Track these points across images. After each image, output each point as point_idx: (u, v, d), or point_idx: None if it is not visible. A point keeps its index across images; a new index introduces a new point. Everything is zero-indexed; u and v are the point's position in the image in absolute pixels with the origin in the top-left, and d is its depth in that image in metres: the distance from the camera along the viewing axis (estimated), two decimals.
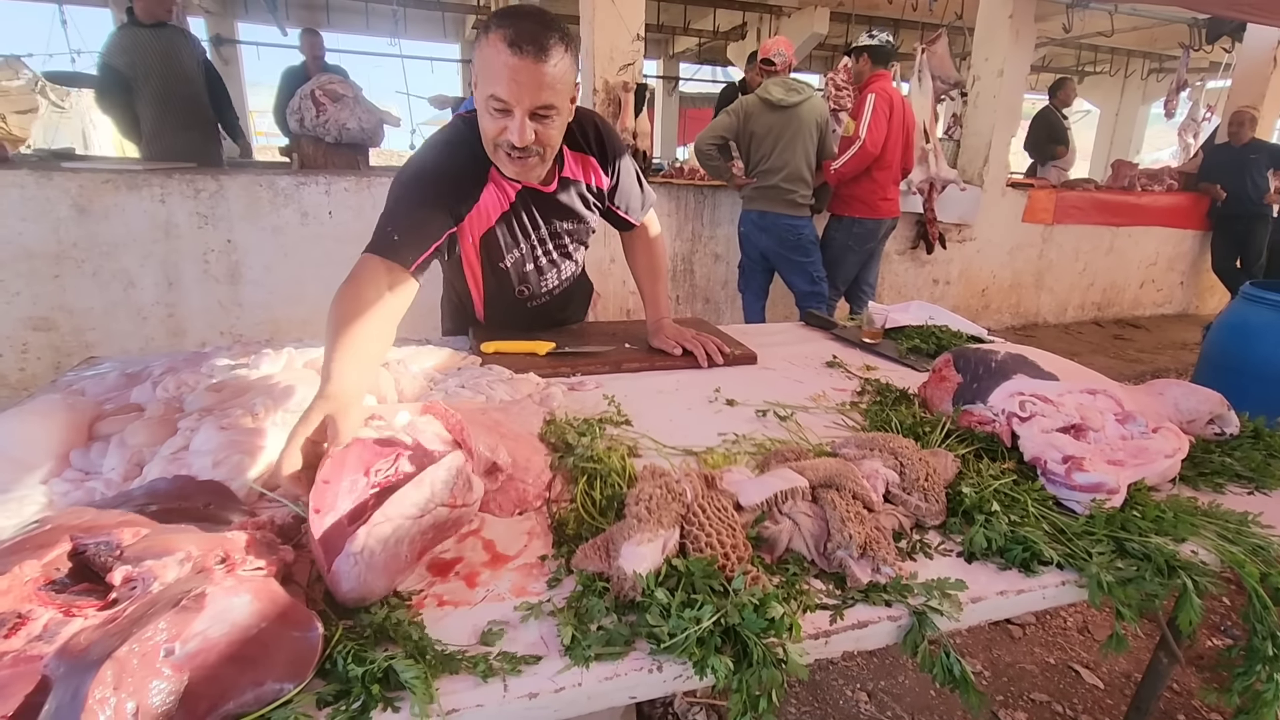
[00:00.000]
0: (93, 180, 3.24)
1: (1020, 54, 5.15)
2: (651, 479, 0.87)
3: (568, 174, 1.51)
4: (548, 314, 1.75)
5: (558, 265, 1.66)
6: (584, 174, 1.55)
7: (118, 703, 0.52)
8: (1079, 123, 10.48)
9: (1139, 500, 0.96)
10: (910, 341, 1.81)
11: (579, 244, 1.69)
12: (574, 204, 1.55)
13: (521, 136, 1.24)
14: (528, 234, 1.55)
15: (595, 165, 1.55)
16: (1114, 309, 6.40)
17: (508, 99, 1.21)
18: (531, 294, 1.67)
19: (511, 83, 1.19)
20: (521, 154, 1.28)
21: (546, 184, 1.48)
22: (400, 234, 1.27)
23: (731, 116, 3.73)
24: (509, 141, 1.26)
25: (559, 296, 1.75)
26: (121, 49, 3.95)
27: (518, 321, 1.70)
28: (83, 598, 0.65)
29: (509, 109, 1.22)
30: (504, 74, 1.18)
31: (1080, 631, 2.21)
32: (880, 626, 0.74)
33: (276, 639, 0.61)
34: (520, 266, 1.59)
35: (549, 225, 1.56)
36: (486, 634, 0.69)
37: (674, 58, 11.07)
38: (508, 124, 1.24)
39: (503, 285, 1.63)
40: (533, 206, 1.51)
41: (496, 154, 1.32)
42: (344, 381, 0.95)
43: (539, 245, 1.58)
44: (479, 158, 1.38)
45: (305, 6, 7.94)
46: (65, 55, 7.57)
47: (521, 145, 1.25)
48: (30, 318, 3.29)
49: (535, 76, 1.18)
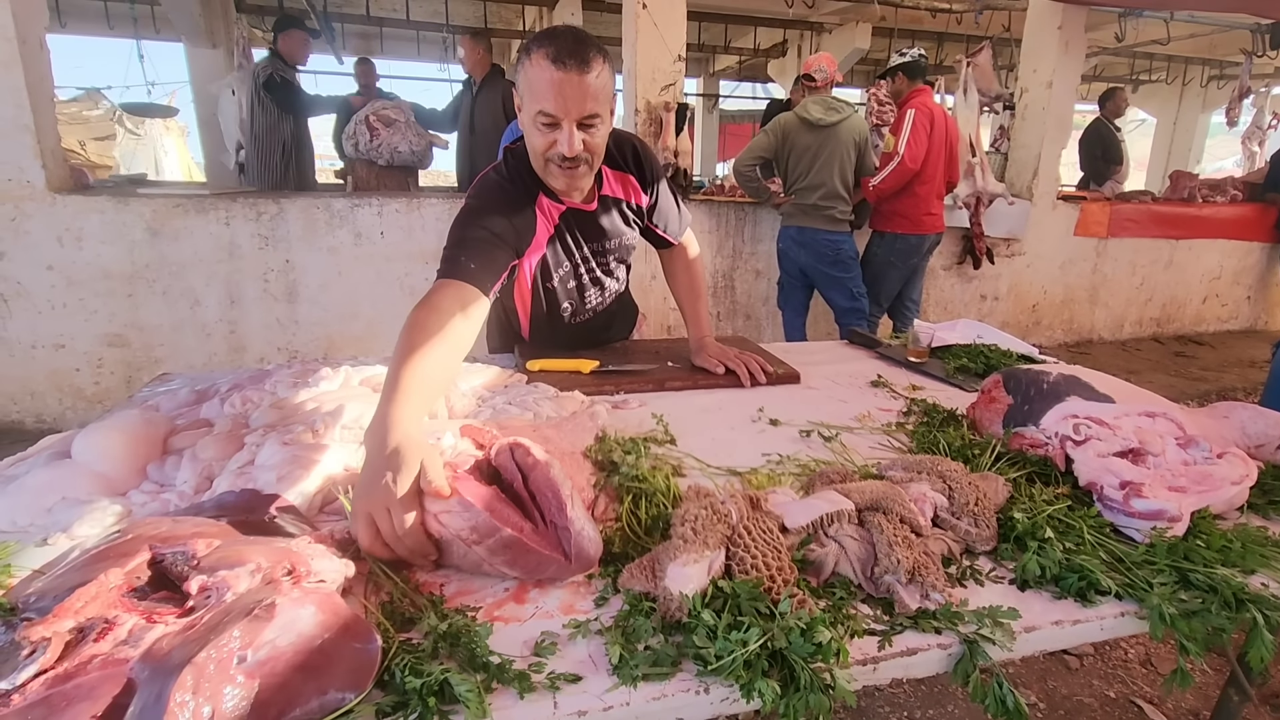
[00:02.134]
0: (165, 205, 3.44)
1: (1070, 65, 5.04)
2: (697, 499, 0.87)
3: (608, 192, 1.56)
4: (591, 332, 1.79)
5: (601, 283, 1.70)
6: (624, 192, 1.60)
7: (196, 706, 0.55)
8: (1133, 132, 10.16)
9: (1203, 529, 0.92)
10: (958, 360, 1.78)
11: (620, 262, 1.72)
12: (615, 221, 1.60)
13: (571, 146, 1.29)
14: (571, 254, 1.59)
15: (634, 184, 1.60)
16: (1174, 325, 6.13)
17: (555, 112, 1.26)
18: (575, 311, 1.71)
19: (558, 96, 1.24)
20: (571, 164, 1.34)
21: (588, 203, 1.53)
22: (475, 262, 1.29)
23: (770, 136, 3.74)
24: (559, 154, 1.31)
25: (602, 315, 1.78)
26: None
27: (562, 339, 1.74)
28: (162, 605, 0.70)
29: (557, 122, 1.28)
30: (550, 89, 1.24)
31: (1143, 664, 2.11)
32: (930, 654, 0.73)
33: (339, 650, 0.64)
34: (565, 284, 1.64)
35: (591, 244, 1.60)
36: (539, 645, 0.70)
37: (714, 75, 11.14)
38: (557, 136, 1.30)
39: (549, 304, 1.67)
40: (575, 227, 1.55)
41: (547, 169, 1.37)
42: (409, 428, 0.89)
43: (582, 264, 1.62)
44: (529, 189, 1.45)
45: (360, 35, 8.28)
46: (141, 87, 8.07)
47: (571, 155, 1.31)
48: (106, 334, 3.49)
49: (580, 88, 1.24)
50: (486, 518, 0.80)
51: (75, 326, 3.44)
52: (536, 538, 0.82)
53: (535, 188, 1.46)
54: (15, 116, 3.12)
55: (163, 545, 0.76)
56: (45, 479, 0.96)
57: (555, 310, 1.68)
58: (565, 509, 0.83)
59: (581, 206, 1.53)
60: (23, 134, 3.15)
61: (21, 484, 0.95)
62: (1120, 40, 6.11)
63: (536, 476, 0.88)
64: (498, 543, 0.79)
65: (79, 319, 3.44)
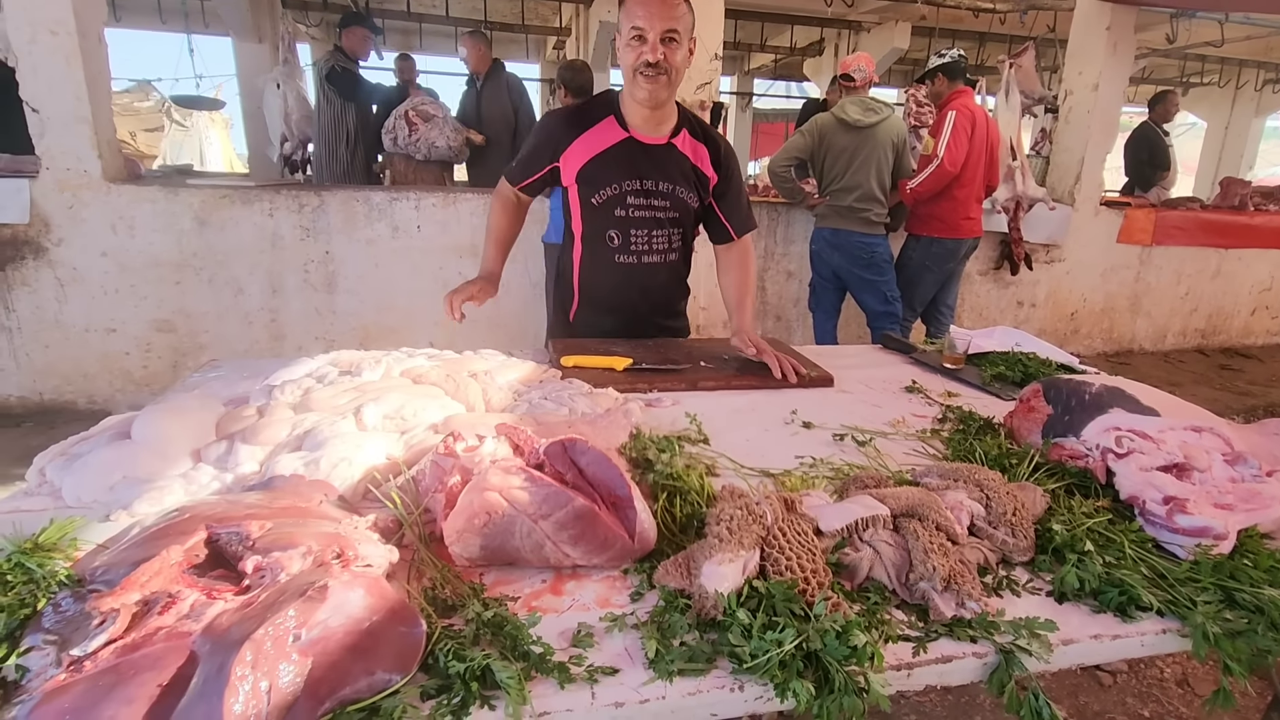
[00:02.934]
0: (213, 195, 3.55)
1: (1118, 67, 4.90)
2: (732, 500, 0.88)
3: (677, 143, 1.76)
4: (638, 279, 1.84)
5: (649, 227, 1.79)
6: (694, 156, 1.78)
7: (254, 680, 0.58)
8: (1182, 136, 9.83)
9: (1251, 548, 0.90)
10: (995, 368, 1.75)
11: (670, 218, 1.80)
12: (673, 171, 1.76)
13: (654, 53, 1.57)
14: (620, 178, 1.74)
15: (705, 155, 1.79)
16: (1220, 336, 5.94)
17: (643, 24, 1.56)
18: (622, 244, 1.79)
19: (647, 13, 1.55)
20: (653, 70, 1.58)
21: (654, 137, 1.73)
22: (516, 160, 1.82)
23: (806, 136, 3.71)
24: (645, 61, 1.57)
25: (648, 268, 1.83)
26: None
27: (610, 280, 1.83)
28: (219, 583, 0.73)
29: (644, 34, 1.56)
30: (640, 7, 1.56)
31: (1179, 684, 2.06)
32: (965, 663, 0.73)
33: (386, 632, 0.67)
34: (610, 209, 1.76)
35: (644, 179, 1.74)
36: (577, 637, 0.72)
37: (749, 74, 11.07)
38: (643, 49, 1.57)
39: (597, 228, 1.79)
40: (631, 156, 1.73)
41: (635, 80, 1.62)
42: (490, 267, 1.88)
43: (630, 195, 1.75)
44: (596, 113, 1.74)
45: (400, 31, 8.40)
46: (191, 80, 8.31)
47: (654, 61, 1.57)
48: (155, 320, 3.62)
49: (664, 8, 1.56)
50: (559, 489, 0.82)
51: (126, 311, 3.57)
52: (605, 513, 0.85)
53: (604, 113, 1.73)
54: (75, 109, 3.25)
55: (218, 525, 0.79)
56: (108, 458, 1.00)
57: (602, 236, 1.79)
58: (631, 489, 0.85)
59: (645, 139, 1.72)
60: (81, 125, 3.28)
61: (86, 462, 1.00)
62: (1171, 42, 5.91)
63: (594, 462, 0.90)
64: (568, 514, 0.81)
65: (130, 304, 3.56)
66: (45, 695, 0.58)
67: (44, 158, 3.29)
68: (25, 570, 0.75)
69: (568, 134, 1.72)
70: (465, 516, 0.82)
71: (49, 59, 3.17)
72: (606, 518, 0.83)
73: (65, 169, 3.32)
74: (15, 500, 0.99)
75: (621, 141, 1.71)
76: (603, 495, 0.89)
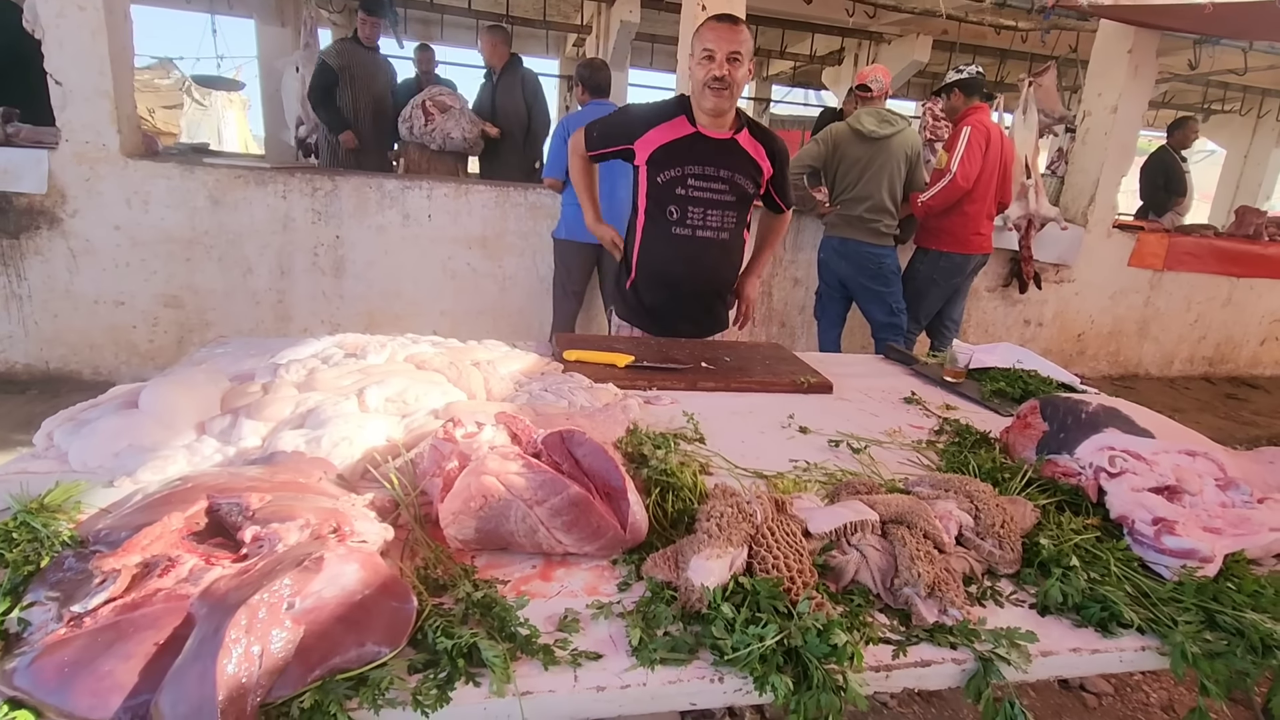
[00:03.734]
0: (227, 175, 3.58)
1: (1138, 90, 4.88)
2: (723, 498, 0.90)
3: (739, 139, 2.00)
4: (690, 251, 2.03)
5: (705, 206, 2.00)
6: (755, 152, 2.03)
7: (247, 644, 0.59)
8: (1200, 163, 9.77)
9: (1236, 572, 0.91)
10: (995, 384, 1.76)
11: (730, 199, 2.01)
12: (734, 161, 1.99)
13: (720, 69, 1.83)
14: (683, 163, 1.97)
15: (763, 151, 2.05)
16: (1228, 365, 5.91)
17: (713, 46, 1.84)
18: (680, 218, 2.00)
19: (716, 36, 1.84)
20: (719, 84, 1.85)
21: (718, 133, 1.96)
22: (596, 132, 2.09)
23: (820, 145, 3.71)
24: (713, 75, 1.84)
25: (702, 243, 2.03)
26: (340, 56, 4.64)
27: (666, 251, 2.04)
28: (218, 550, 0.75)
29: (713, 55, 1.84)
30: (710, 33, 1.85)
31: (1165, 710, 2.06)
32: (944, 668, 0.74)
33: (378, 606, 0.68)
34: (672, 188, 1.98)
35: (706, 165, 1.97)
36: (563, 622, 0.73)
37: (767, 80, 11.06)
38: (712, 66, 1.84)
39: (659, 203, 2.01)
40: (697, 146, 1.96)
41: (703, 92, 1.88)
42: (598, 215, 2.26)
43: (691, 177, 1.98)
44: (672, 111, 1.99)
45: (421, 21, 8.43)
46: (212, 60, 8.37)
47: (720, 76, 1.84)
48: (163, 295, 3.65)
49: (729, 34, 1.84)
50: (555, 476, 0.84)
51: (136, 285, 3.60)
52: (599, 502, 0.86)
53: (679, 111, 1.97)
54: (97, 83, 3.28)
55: (219, 495, 0.81)
56: (115, 425, 1.02)
57: (663, 210, 2.01)
58: (625, 481, 0.87)
59: (711, 134, 1.96)
60: (102, 99, 3.31)
61: (93, 428, 1.02)
62: (1193, 68, 5.89)
63: (591, 453, 0.91)
64: (564, 501, 0.83)
65: (140, 278, 3.59)
66: (45, 648, 0.60)
67: (64, 130, 3.32)
68: (30, 529, 0.77)
69: (647, 123, 1.99)
70: (462, 499, 0.84)
71: (75, 32, 3.20)
72: (600, 507, 0.85)
73: (84, 142, 3.35)
74: (23, 462, 1.01)
75: (690, 134, 1.97)
76: (597, 486, 0.90)
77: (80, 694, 0.58)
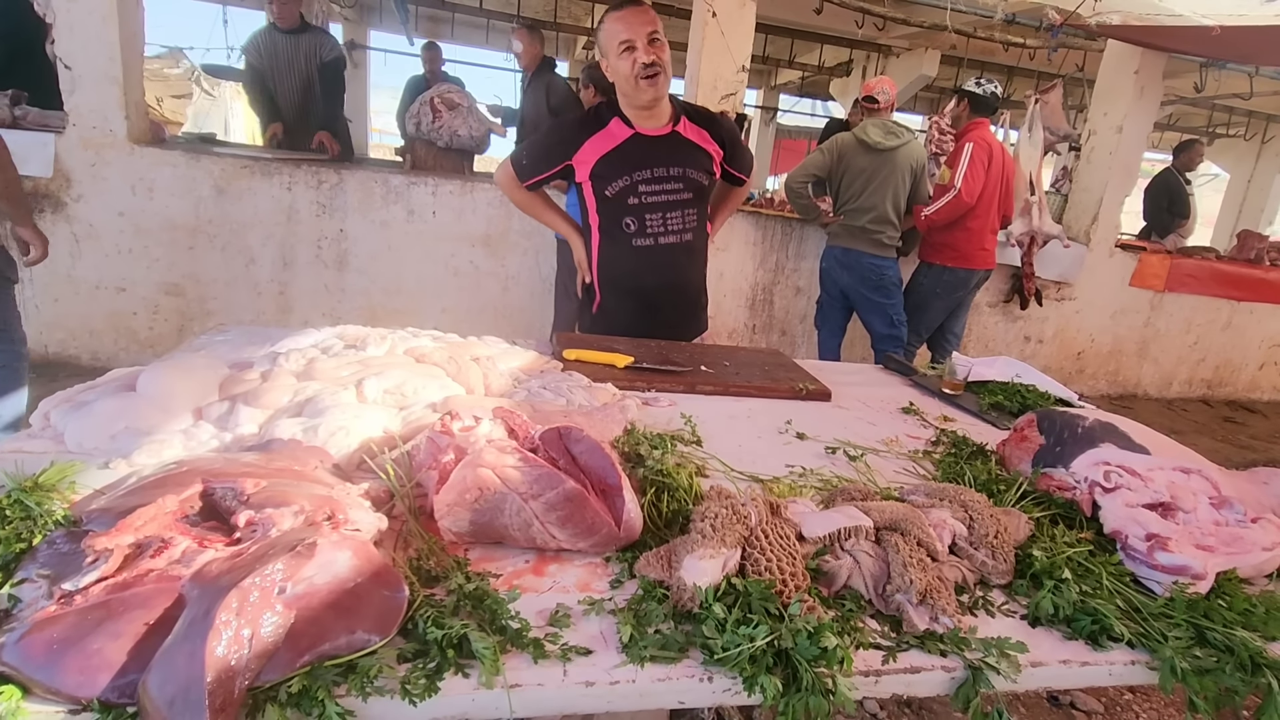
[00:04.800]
0: (233, 165, 3.58)
1: (1143, 111, 4.91)
2: (718, 499, 0.90)
3: (680, 130, 1.88)
4: (656, 260, 1.92)
5: (664, 210, 1.89)
6: (699, 139, 1.91)
7: (238, 627, 0.59)
8: (1204, 187, 9.81)
9: (1227, 590, 0.91)
10: (993, 397, 1.76)
11: (683, 199, 1.90)
12: (680, 154, 1.87)
13: (647, 54, 1.71)
14: (630, 171, 1.85)
15: (706, 135, 1.93)
16: (1227, 389, 5.92)
17: (629, 35, 1.71)
18: (639, 229, 1.89)
19: (628, 24, 1.71)
20: (651, 70, 1.72)
21: (659, 129, 1.85)
22: (526, 159, 1.91)
23: (826, 155, 3.73)
24: (640, 64, 1.71)
25: (667, 250, 1.92)
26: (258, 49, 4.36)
27: (629, 265, 1.92)
28: (211, 534, 0.75)
29: (632, 43, 1.71)
30: (620, 24, 1.72)
31: None
32: (933, 675, 0.74)
33: (369, 594, 0.68)
34: (623, 199, 1.86)
35: (655, 167, 1.85)
36: (554, 616, 0.73)
37: (775, 89, 11.09)
38: (635, 55, 1.71)
39: (612, 215, 1.89)
40: (640, 149, 1.84)
41: (637, 86, 1.74)
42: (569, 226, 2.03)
43: (641, 184, 1.86)
44: (603, 116, 1.85)
45: (431, 19, 8.46)
46: (222, 50, 8.39)
47: (648, 61, 1.71)
48: (165, 282, 3.65)
49: (640, 16, 1.73)
50: (551, 470, 0.84)
51: (138, 272, 3.60)
52: (594, 499, 0.86)
53: (609, 115, 1.84)
54: (106, 69, 3.29)
55: (214, 480, 0.81)
56: (112, 408, 1.02)
57: (619, 225, 1.90)
58: (621, 479, 0.87)
59: (650, 133, 1.84)
60: (111, 86, 3.32)
61: (90, 410, 1.02)
62: (1199, 91, 5.91)
63: (587, 450, 0.91)
64: (559, 496, 0.83)
65: (142, 265, 3.60)
66: (35, 625, 0.60)
67: (72, 114, 3.33)
68: (24, 507, 0.77)
69: (579, 136, 1.85)
70: (457, 491, 0.84)
71: (86, 17, 3.22)
72: (595, 503, 0.85)
73: (91, 127, 3.36)
74: (18, 441, 1.01)
75: (629, 138, 1.83)
76: (593, 483, 0.90)
77: (68, 671, 0.58)
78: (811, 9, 4.78)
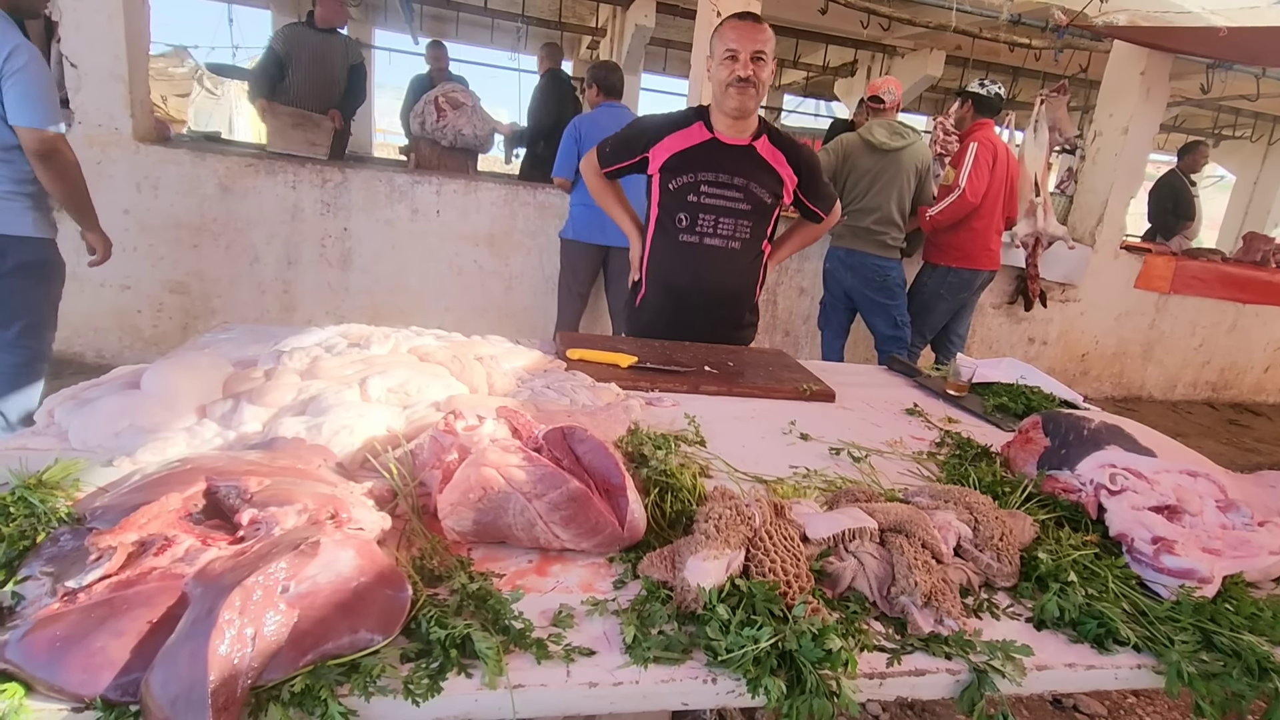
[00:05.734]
0: (238, 163, 3.59)
1: (1149, 113, 4.89)
2: (722, 500, 0.89)
3: (758, 146, 1.95)
4: (696, 259, 1.99)
5: (717, 214, 1.96)
6: (773, 160, 1.98)
7: (241, 626, 0.59)
8: (1210, 188, 9.77)
9: (1234, 594, 0.90)
10: (997, 399, 1.75)
11: (741, 209, 1.97)
12: (750, 167, 1.95)
13: (745, 68, 1.80)
14: (696, 170, 1.93)
15: (783, 159, 2.00)
16: (1232, 391, 5.89)
17: (736, 46, 1.80)
18: (689, 225, 1.97)
19: (739, 36, 1.80)
20: (744, 84, 1.81)
21: (737, 138, 1.93)
22: (609, 148, 2.04)
23: (830, 155, 3.72)
24: (737, 75, 1.80)
25: (708, 250, 1.99)
26: (286, 40, 4.45)
27: (672, 259, 2.00)
28: (215, 531, 0.74)
29: (737, 54, 1.80)
30: (733, 32, 1.81)
31: None
32: (938, 677, 0.74)
33: (372, 594, 0.68)
34: (684, 194, 1.95)
35: (720, 172, 1.94)
36: (558, 617, 0.73)
37: (779, 89, 11.08)
38: (735, 66, 1.80)
39: (670, 212, 1.97)
40: (712, 154, 1.93)
41: (726, 92, 1.84)
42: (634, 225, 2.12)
43: (704, 183, 1.94)
44: (689, 118, 1.96)
45: (436, 18, 8.47)
46: (227, 49, 8.40)
47: (745, 76, 1.80)
48: (169, 280, 3.66)
49: (753, 32, 1.81)
50: (555, 470, 0.84)
51: (142, 270, 3.61)
52: (598, 499, 0.86)
53: (696, 118, 1.94)
54: (111, 67, 3.30)
55: (218, 478, 0.81)
56: (116, 405, 1.02)
57: (673, 219, 1.98)
58: (625, 479, 0.87)
59: (728, 141, 1.93)
60: (116, 84, 3.33)
61: (94, 407, 1.02)
62: (1205, 92, 5.89)
63: (591, 450, 0.91)
64: (562, 495, 0.83)
65: (147, 263, 3.60)
66: (38, 622, 0.60)
67: (77, 112, 3.34)
68: (27, 504, 0.77)
69: (660, 131, 1.95)
70: (461, 490, 0.84)
71: (92, 15, 3.22)
72: (599, 503, 0.85)
73: (97, 125, 3.36)
74: (22, 438, 1.01)
75: (706, 141, 1.93)
76: (597, 483, 0.90)
77: (71, 669, 0.57)
78: (816, 9, 4.76)
